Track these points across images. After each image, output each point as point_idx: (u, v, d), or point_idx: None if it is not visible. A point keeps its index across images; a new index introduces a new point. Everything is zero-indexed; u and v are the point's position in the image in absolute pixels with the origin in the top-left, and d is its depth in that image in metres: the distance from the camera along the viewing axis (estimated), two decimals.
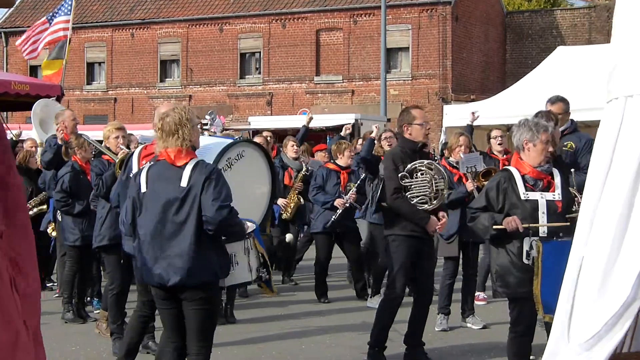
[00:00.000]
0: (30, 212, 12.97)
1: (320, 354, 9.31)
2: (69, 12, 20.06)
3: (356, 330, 10.06)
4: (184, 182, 6.45)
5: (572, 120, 9.84)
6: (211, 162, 7.20)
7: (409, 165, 8.56)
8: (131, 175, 7.68)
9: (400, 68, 41.77)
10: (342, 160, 12.73)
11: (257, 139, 12.63)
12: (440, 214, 8.71)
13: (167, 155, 6.56)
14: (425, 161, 8.64)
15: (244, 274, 6.79)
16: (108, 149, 9.54)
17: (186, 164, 6.44)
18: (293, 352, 9.40)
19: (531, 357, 7.64)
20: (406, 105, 40.14)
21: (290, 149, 13.76)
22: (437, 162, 8.90)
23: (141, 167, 6.97)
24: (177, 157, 6.51)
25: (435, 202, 8.59)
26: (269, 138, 14.43)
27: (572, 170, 8.30)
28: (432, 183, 8.54)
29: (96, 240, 9.40)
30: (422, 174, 8.55)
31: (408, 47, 41.32)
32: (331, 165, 12.85)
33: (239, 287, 7.25)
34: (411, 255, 8.70)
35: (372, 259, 13.23)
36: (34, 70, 46.32)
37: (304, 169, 13.54)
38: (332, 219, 12.27)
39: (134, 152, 8.18)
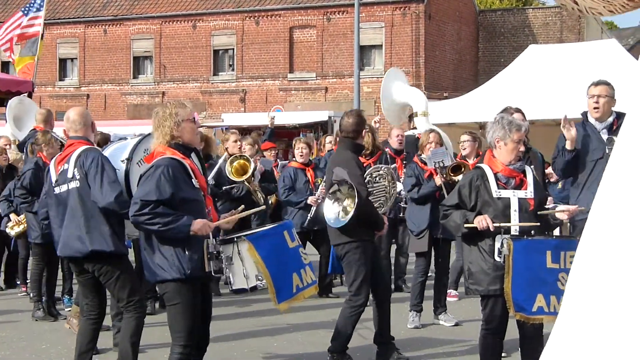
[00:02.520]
0: None
1: (292, 351, 9.31)
2: (40, 8, 19.95)
3: (328, 327, 10.04)
4: None
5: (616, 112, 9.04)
6: (126, 155, 7.41)
7: (370, 170, 8.55)
8: (52, 183, 7.62)
9: (373, 65, 41.82)
10: (303, 158, 12.70)
11: (249, 140, 12.64)
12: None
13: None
14: (383, 166, 8.62)
15: (239, 279, 6.72)
16: None
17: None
18: (266, 349, 9.39)
19: (503, 354, 7.67)
20: (379, 102, 40.29)
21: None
22: (393, 167, 8.83)
23: None
24: (150, 156, 6.59)
25: (388, 204, 8.59)
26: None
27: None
28: (389, 187, 8.53)
29: None
30: (382, 179, 8.54)
31: (381, 45, 41.38)
32: (295, 164, 12.76)
33: (238, 293, 7.18)
34: (371, 259, 8.70)
35: None
36: (5, 66, 46.00)
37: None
38: (309, 217, 12.27)
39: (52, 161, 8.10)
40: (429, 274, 10.73)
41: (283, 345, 9.60)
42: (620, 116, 8.89)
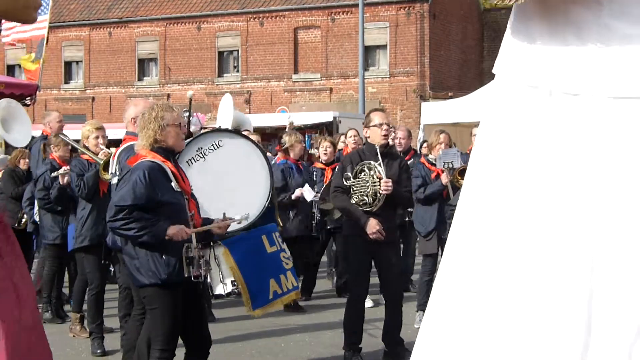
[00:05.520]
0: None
1: (300, 352, 9.31)
2: (46, 12, 19.98)
3: (336, 328, 10.05)
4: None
5: None
6: None
7: (356, 167, 8.56)
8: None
9: (378, 66, 41.80)
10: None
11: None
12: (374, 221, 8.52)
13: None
14: (367, 162, 8.59)
15: (216, 284, 6.70)
16: (87, 148, 9.48)
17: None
18: (273, 350, 9.40)
19: None
20: (384, 102, 40.34)
21: None
22: (379, 164, 8.72)
23: None
24: (133, 159, 6.60)
25: (375, 203, 8.52)
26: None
27: None
28: (370, 184, 8.50)
29: (77, 241, 9.34)
30: (363, 175, 8.54)
31: (386, 45, 41.35)
32: (319, 165, 12.78)
33: (216, 298, 7.17)
34: (365, 254, 8.67)
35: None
36: (11, 70, 46.10)
37: None
38: (316, 219, 12.21)
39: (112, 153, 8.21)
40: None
41: (290, 346, 9.60)
42: None
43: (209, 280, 6.63)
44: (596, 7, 3.43)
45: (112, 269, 10.64)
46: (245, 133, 12.40)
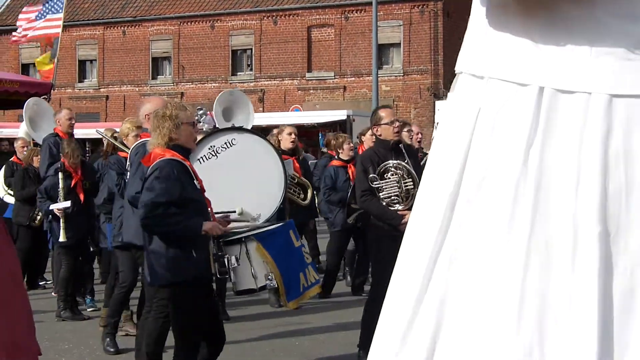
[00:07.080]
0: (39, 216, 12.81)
1: (314, 350, 9.30)
2: (60, 10, 20.05)
3: (350, 326, 10.03)
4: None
5: None
6: None
7: (380, 167, 8.52)
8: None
9: (391, 64, 41.78)
10: (345, 154, 12.59)
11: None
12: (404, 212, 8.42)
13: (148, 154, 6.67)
14: (393, 162, 8.54)
15: (246, 280, 6.69)
16: (125, 145, 9.47)
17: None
18: (287, 348, 9.39)
19: None
20: (398, 100, 40.31)
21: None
22: (407, 161, 8.70)
23: None
24: (149, 157, 6.59)
25: (407, 202, 8.50)
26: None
27: None
28: (401, 183, 8.47)
29: (115, 240, 9.32)
30: (391, 175, 8.50)
31: (399, 43, 41.34)
32: (336, 162, 12.60)
33: (244, 294, 7.18)
34: (391, 254, 8.61)
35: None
36: (25, 69, 46.25)
37: None
38: (354, 216, 12.03)
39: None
40: None
41: (305, 345, 9.59)
42: None
43: (232, 278, 6.65)
44: (587, 4, 3.36)
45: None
46: (289, 131, 12.31)
